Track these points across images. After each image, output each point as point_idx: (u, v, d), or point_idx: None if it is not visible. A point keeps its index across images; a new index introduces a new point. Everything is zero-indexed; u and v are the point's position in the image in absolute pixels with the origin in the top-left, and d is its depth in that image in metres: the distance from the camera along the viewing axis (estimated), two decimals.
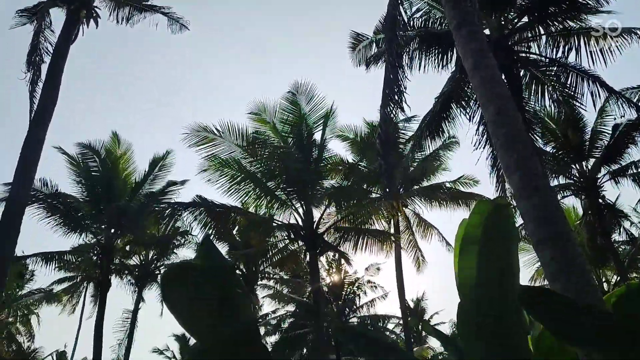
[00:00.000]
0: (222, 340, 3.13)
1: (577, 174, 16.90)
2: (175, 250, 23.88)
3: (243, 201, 14.85)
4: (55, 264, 16.93)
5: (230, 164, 13.76)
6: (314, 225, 14.85)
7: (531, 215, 4.41)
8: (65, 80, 10.28)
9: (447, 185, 20.64)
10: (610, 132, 15.89)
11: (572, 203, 19.66)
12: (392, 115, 6.89)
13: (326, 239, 15.59)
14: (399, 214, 18.84)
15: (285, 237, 16.13)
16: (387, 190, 17.54)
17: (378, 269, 27.87)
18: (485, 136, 10.36)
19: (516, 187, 4.73)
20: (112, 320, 25.64)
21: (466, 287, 4.40)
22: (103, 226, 16.79)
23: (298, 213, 14.89)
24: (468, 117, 11.42)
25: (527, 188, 4.55)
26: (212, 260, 3.37)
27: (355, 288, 29.66)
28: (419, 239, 21.38)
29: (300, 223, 14.92)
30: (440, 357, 29.37)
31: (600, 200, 16.47)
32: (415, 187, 21.03)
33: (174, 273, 3.22)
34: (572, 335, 2.76)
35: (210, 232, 13.98)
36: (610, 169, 16.44)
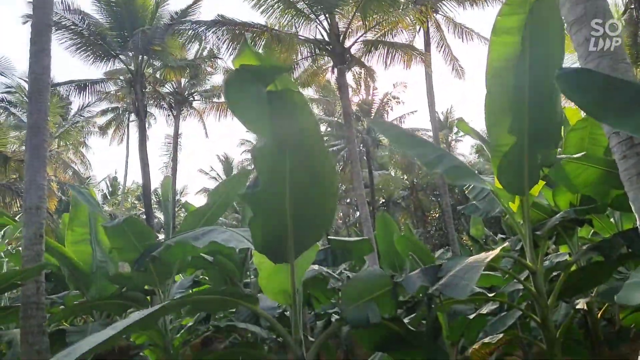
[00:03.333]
0: (284, 137, 3.31)
1: None
2: (207, 77, 24.16)
3: (266, 17, 14.35)
4: (89, 93, 17.46)
5: None
6: (340, 39, 14.46)
7: None
8: None
9: None
10: None
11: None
12: None
13: (353, 53, 15.29)
14: (430, 21, 18.02)
15: (311, 54, 15.89)
16: None
17: (405, 86, 27.70)
18: None
19: None
20: (158, 148, 27.32)
21: (496, 76, 4.40)
22: (130, 53, 16.77)
23: (323, 27, 14.43)
24: None
25: None
26: (260, 59, 3.40)
27: (384, 104, 29.88)
28: (459, 44, 20.69)
29: (326, 38, 14.55)
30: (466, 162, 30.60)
31: None
32: None
33: (234, 74, 3.28)
34: (606, 111, 2.82)
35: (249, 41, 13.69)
36: None
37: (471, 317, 5.70)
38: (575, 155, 4.59)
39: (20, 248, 7.55)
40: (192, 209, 8.26)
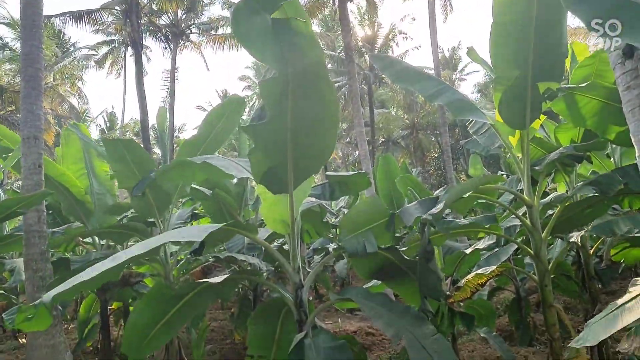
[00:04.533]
0: (287, 65, 3.21)
1: None
2: (203, 9, 23.42)
3: None
4: (85, 24, 16.95)
5: None
6: None
7: None
8: None
9: None
10: None
11: None
12: None
13: None
14: None
15: None
16: None
17: (414, 18, 26.91)
18: None
19: None
20: (155, 84, 27.02)
21: (502, 6, 4.24)
22: None
23: None
24: None
25: None
26: None
27: (389, 40, 29.16)
28: None
29: None
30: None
31: None
32: None
33: (242, 3, 3.14)
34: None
35: None
36: None
37: (467, 251, 5.81)
38: (580, 85, 4.50)
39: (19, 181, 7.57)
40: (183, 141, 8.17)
